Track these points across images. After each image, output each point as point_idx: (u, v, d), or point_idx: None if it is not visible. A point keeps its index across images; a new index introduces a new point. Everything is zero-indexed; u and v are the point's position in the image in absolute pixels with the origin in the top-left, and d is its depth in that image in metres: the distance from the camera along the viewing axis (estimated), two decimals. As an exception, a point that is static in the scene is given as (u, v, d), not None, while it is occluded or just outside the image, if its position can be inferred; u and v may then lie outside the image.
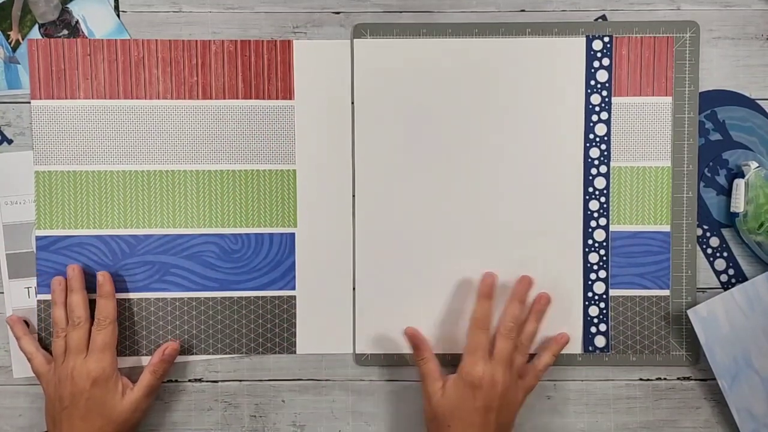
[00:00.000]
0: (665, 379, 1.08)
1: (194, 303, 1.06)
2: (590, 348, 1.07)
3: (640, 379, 1.08)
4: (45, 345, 1.06)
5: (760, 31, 1.06)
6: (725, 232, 1.07)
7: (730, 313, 1.04)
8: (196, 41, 1.05)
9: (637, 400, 1.08)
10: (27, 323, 1.06)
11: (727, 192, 1.07)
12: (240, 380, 1.08)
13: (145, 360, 1.06)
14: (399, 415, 1.08)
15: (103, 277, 1.03)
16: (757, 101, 1.06)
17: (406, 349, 1.06)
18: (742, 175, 1.04)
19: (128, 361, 1.07)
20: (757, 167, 1.03)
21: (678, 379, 1.08)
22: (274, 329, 1.07)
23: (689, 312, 1.04)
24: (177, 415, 1.07)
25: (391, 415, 1.09)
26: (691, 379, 1.08)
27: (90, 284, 1.06)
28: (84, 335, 1.01)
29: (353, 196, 1.06)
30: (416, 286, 1.06)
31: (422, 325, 1.05)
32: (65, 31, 1.05)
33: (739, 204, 1.04)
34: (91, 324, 1.02)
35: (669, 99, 1.05)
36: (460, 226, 1.06)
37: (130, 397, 1.01)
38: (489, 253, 1.06)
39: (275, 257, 1.07)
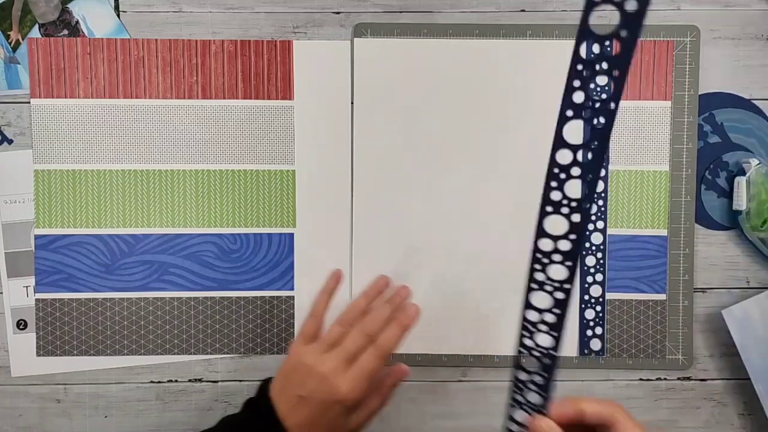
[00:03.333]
0: (665, 379, 1.08)
1: (192, 303, 1.06)
2: (585, 351, 1.07)
3: (640, 380, 1.08)
4: (42, 344, 1.06)
5: (761, 31, 1.06)
6: (730, 233, 1.07)
7: (767, 315, 1.04)
8: (196, 41, 1.05)
9: (637, 400, 1.08)
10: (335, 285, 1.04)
11: (728, 194, 1.07)
12: (240, 380, 1.08)
13: (143, 360, 1.06)
14: (398, 414, 1.08)
15: (416, 312, 0.96)
16: (758, 102, 1.06)
17: (401, 348, 1.06)
18: (743, 173, 1.04)
19: (126, 361, 1.07)
20: (758, 164, 1.03)
21: (678, 379, 1.08)
22: (272, 329, 1.07)
23: (723, 312, 1.04)
24: (177, 415, 1.07)
25: (390, 414, 1.09)
26: (692, 380, 1.08)
27: (90, 283, 1.06)
28: (362, 348, 0.92)
29: (352, 196, 1.06)
30: (413, 288, 1.06)
31: (418, 325, 1.04)
32: (65, 31, 1.05)
33: (741, 202, 1.04)
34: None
35: (668, 103, 1.05)
36: (458, 228, 1.06)
37: (356, 420, 0.94)
38: (486, 254, 1.06)
39: (274, 257, 1.07)
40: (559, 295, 0.73)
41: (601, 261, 1.06)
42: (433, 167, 1.06)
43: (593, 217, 1.06)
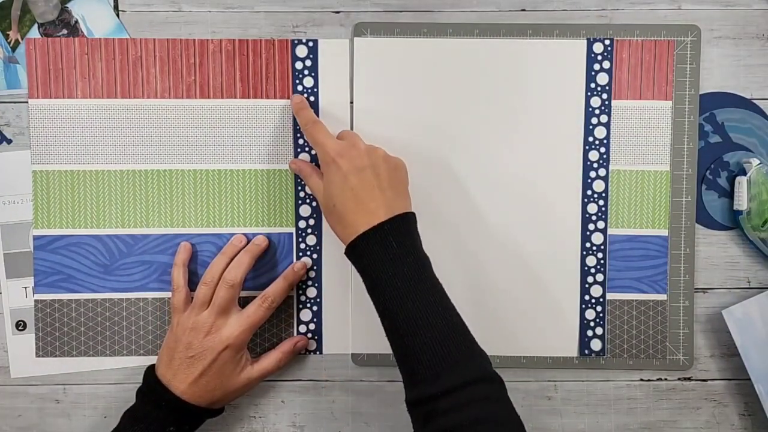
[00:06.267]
0: (666, 379, 1.08)
1: (192, 303, 1.06)
2: (586, 351, 1.07)
3: (641, 380, 1.08)
4: (41, 344, 1.06)
5: (761, 31, 1.06)
6: (730, 233, 1.07)
7: (767, 316, 1.04)
8: (194, 40, 1.05)
9: (638, 401, 1.08)
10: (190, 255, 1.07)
11: (729, 194, 1.06)
12: (239, 380, 1.08)
13: (142, 360, 1.06)
14: (399, 416, 1.08)
15: (302, 267, 1.06)
16: (758, 102, 1.06)
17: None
18: (744, 173, 1.04)
19: (125, 362, 1.07)
20: (759, 164, 1.03)
21: (679, 379, 1.08)
22: (272, 329, 1.07)
23: (724, 312, 1.04)
24: (175, 415, 1.07)
25: (391, 416, 1.09)
26: (692, 380, 1.08)
27: (89, 284, 1.06)
28: (233, 298, 1.01)
29: (351, 196, 1.06)
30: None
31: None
32: (64, 31, 1.05)
33: (742, 202, 1.04)
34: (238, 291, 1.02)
35: (669, 103, 1.05)
36: (457, 227, 1.06)
37: (248, 374, 1.02)
38: (487, 254, 1.06)
39: (273, 257, 1.07)
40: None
41: (602, 261, 1.06)
42: (432, 166, 1.06)
43: (594, 217, 1.06)
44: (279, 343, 1.06)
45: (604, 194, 1.06)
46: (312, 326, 1.08)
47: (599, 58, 1.05)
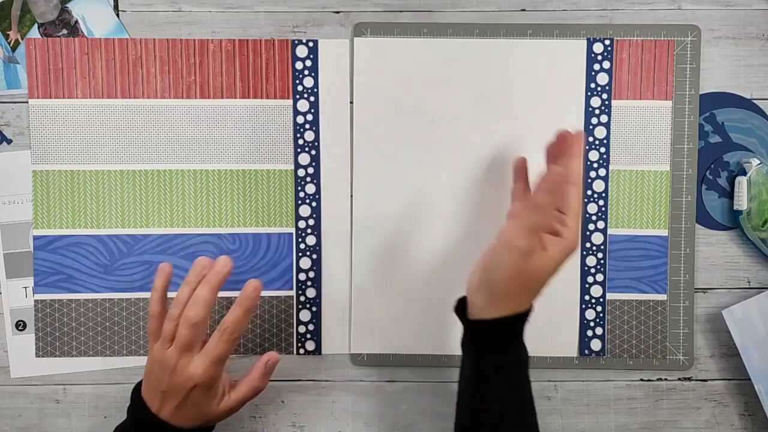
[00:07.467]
0: (666, 379, 1.08)
1: (192, 303, 1.06)
2: (586, 351, 1.07)
3: (641, 380, 1.08)
4: (41, 344, 1.06)
5: (761, 31, 1.06)
6: (730, 233, 1.07)
7: (767, 316, 1.04)
8: (194, 40, 1.05)
9: (638, 401, 1.08)
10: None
11: (729, 194, 1.06)
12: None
13: (142, 360, 1.05)
14: (399, 416, 1.08)
15: (254, 290, 0.94)
16: (758, 102, 1.06)
17: (401, 349, 1.06)
18: (744, 173, 1.04)
19: (126, 362, 1.08)
20: (759, 164, 1.03)
21: (679, 380, 1.08)
22: (271, 329, 1.07)
23: (724, 312, 1.04)
24: (175, 415, 1.07)
25: (391, 416, 1.08)
26: (692, 380, 1.08)
27: (89, 284, 1.06)
28: (196, 336, 0.92)
29: (351, 196, 1.06)
30: (412, 287, 1.05)
31: (418, 325, 1.04)
32: (65, 31, 1.05)
33: (742, 202, 1.04)
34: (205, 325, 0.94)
35: (669, 103, 1.05)
36: (457, 228, 1.06)
37: (226, 404, 0.97)
38: (487, 254, 1.06)
39: (273, 257, 1.07)
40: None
41: (602, 261, 1.06)
42: (432, 167, 1.06)
43: (594, 217, 1.06)
44: (278, 343, 1.06)
45: (604, 194, 1.06)
46: (311, 327, 1.08)
47: (599, 58, 1.05)
